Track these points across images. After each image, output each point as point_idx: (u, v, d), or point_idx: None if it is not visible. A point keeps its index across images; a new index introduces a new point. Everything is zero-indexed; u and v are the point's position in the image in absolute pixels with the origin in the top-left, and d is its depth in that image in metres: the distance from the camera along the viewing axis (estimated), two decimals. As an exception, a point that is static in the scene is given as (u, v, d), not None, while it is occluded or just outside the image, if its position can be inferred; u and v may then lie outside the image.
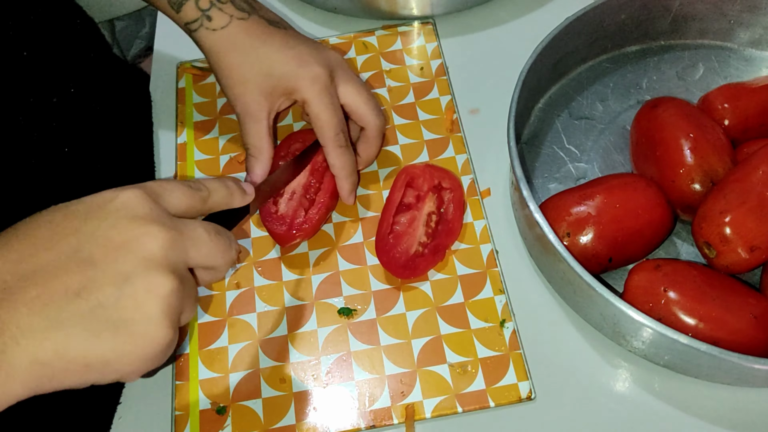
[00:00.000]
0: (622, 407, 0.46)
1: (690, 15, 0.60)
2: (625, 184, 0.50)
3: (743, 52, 0.62)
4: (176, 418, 0.47)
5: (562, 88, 0.61)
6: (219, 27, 0.49)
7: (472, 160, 0.57)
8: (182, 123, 0.60)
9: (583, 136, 0.58)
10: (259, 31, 0.50)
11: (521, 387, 0.46)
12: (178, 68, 0.64)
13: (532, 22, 0.65)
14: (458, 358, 0.48)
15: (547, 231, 0.45)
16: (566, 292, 0.49)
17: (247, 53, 0.49)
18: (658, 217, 0.49)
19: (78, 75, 0.52)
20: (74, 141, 0.50)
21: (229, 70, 0.50)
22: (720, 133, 0.51)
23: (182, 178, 0.57)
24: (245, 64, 0.49)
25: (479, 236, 0.53)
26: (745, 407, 0.46)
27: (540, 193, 0.55)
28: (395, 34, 0.64)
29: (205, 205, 0.39)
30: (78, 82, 0.52)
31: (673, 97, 0.54)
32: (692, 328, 0.43)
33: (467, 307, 0.50)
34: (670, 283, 0.45)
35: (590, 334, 0.49)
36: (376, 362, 0.48)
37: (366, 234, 0.53)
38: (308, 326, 0.50)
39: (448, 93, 0.60)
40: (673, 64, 0.62)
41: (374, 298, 0.50)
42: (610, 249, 0.48)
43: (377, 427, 0.46)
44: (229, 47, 0.49)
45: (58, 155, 0.48)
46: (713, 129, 0.51)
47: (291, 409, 0.47)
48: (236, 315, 0.50)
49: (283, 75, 0.49)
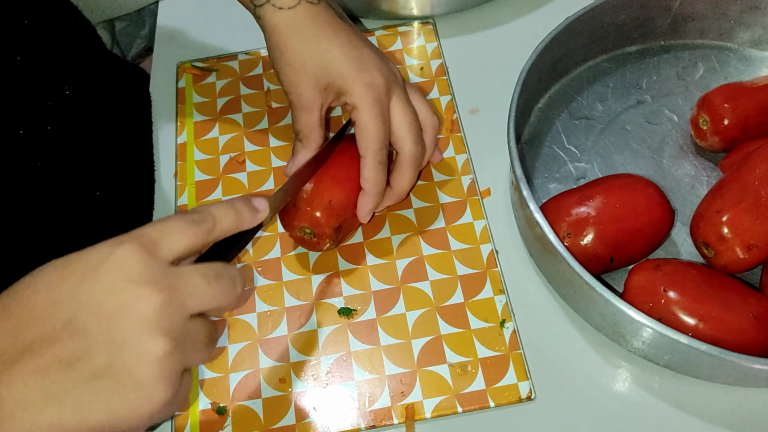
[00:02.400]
0: (622, 407, 0.46)
1: (690, 15, 0.60)
2: (625, 184, 0.50)
3: (743, 52, 0.62)
4: (176, 418, 0.47)
5: (562, 88, 0.61)
6: (287, 6, 0.47)
7: (472, 160, 0.57)
8: (182, 123, 0.60)
9: (583, 136, 0.58)
10: (327, 20, 0.48)
11: (521, 387, 0.46)
12: (178, 68, 0.64)
13: (532, 22, 0.65)
14: (458, 358, 0.48)
15: (547, 231, 0.45)
16: (566, 292, 0.49)
17: (310, 41, 0.47)
18: (658, 216, 0.49)
19: (74, 76, 0.52)
20: (71, 143, 0.50)
21: (290, 54, 0.48)
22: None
23: (182, 177, 0.57)
24: (307, 51, 0.47)
25: (479, 236, 0.53)
26: (745, 407, 0.46)
27: (540, 193, 0.55)
28: (395, 34, 0.64)
29: (211, 236, 0.37)
30: (74, 84, 0.51)
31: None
32: (692, 328, 0.43)
33: (467, 307, 0.50)
34: (670, 282, 0.45)
35: (590, 334, 0.49)
36: (376, 362, 0.48)
37: (366, 234, 0.53)
38: (308, 326, 0.50)
39: (448, 93, 0.60)
40: (673, 64, 0.62)
41: (374, 298, 0.50)
42: (610, 249, 0.48)
43: (377, 427, 0.46)
44: (293, 30, 0.47)
45: (54, 158, 0.48)
46: None
47: (291, 409, 0.47)
48: (236, 315, 0.50)
49: (341, 74, 0.47)
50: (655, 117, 0.59)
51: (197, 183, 0.57)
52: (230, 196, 0.55)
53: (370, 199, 0.49)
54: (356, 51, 0.48)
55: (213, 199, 0.56)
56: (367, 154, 0.47)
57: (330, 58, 0.47)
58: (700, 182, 0.55)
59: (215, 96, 0.62)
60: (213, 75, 0.63)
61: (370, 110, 0.47)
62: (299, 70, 0.47)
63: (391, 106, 0.48)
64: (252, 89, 0.62)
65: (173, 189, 0.57)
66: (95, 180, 0.51)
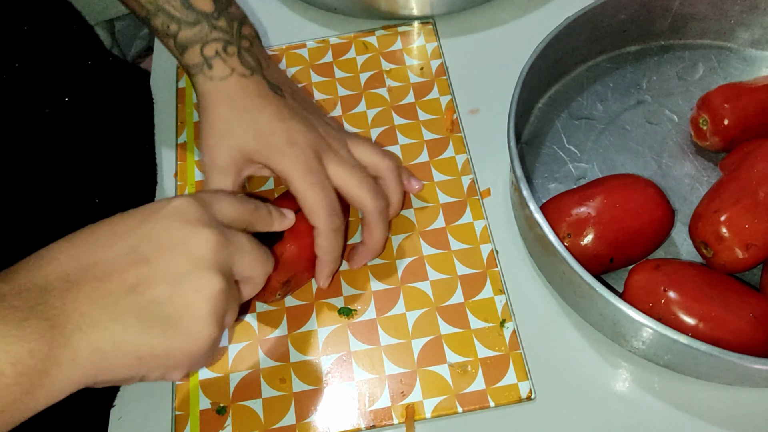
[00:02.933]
0: (622, 407, 0.46)
1: (690, 15, 0.60)
2: (625, 185, 0.50)
3: (743, 52, 0.62)
4: (176, 418, 0.47)
5: (562, 88, 0.61)
6: (218, 77, 0.47)
7: (472, 160, 0.57)
8: (182, 123, 0.60)
9: (583, 136, 0.58)
10: (257, 92, 0.48)
11: (521, 387, 0.46)
12: (178, 68, 0.64)
13: (532, 22, 0.65)
14: (458, 358, 0.48)
15: (547, 231, 0.45)
16: (566, 292, 0.49)
17: (238, 110, 0.47)
18: (659, 216, 0.49)
19: (74, 83, 0.52)
20: (70, 150, 0.50)
21: (215, 119, 0.47)
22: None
23: (182, 178, 0.57)
24: (233, 119, 0.47)
25: (479, 236, 0.53)
26: (745, 407, 0.46)
27: (540, 193, 0.55)
28: (395, 34, 0.64)
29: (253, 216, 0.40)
30: (74, 91, 0.51)
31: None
32: (692, 328, 0.43)
33: (467, 307, 0.50)
34: (670, 283, 0.45)
35: (590, 334, 0.49)
36: (376, 362, 0.48)
37: (366, 234, 0.53)
38: (308, 326, 0.50)
39: (448, 93, 0.60)
40: (673, 64, 0.62)
41: (374, 298, 0.50)
42: (611, 249, 0.48)
43: (377, 427, 0.46)
44: (222, 98, 0.47)
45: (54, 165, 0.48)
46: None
47: (291, 409, 0.47)
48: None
49: (268, 145, 0.46)
50: (655, 117, 0.59)
51: (197, 183, 0.57)
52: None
53: (326, 266, 0.48)
54: (283, 123, 0.47)
55: (213, 199, 0.56)
56: (318, 223, 0.46)
57: (258, 128, 0.47)
58: (700, 182, 0.55)
59: (215, 96, 0.61)
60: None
61: (303, 180, 0.45)
62: (221, 134, 0.47)
63: (330, 172, 0.47)
64: (252, 89, 0.62)
65: (173, 189, 0.57)
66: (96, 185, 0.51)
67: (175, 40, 0.48)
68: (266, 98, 0.48)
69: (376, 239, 0.49)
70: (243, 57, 0.48)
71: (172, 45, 0.49)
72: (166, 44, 0.49)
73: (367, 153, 0.50)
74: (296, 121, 0.47)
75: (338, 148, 0.48)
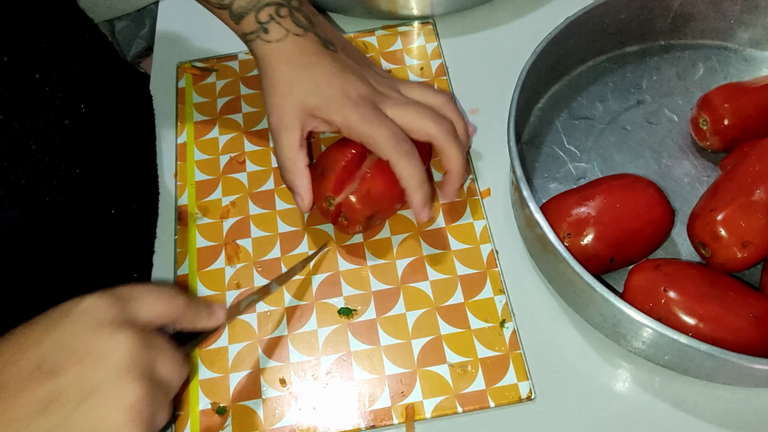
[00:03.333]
0: (622, 407, 0.46)
1: (690, 15, 0.60)
2: (625, 185, 0.50)
3: (743, 52, 0.62)
4: (176, 418, 0.47)
5: (562, 88, 0.61)
6: (274, 40, 0.49)
7: (472, 160, 0.57)
8: (182, 123, 0.60)
9: (583, 136, 0.58)
10: (312, 50, 0.49)
11: (521, 387, 0.46)
12: (178, 68, 0.64)
13: (532, 22, 0.65)
14: (458, 358, 0.48)
15: (547, 231, 0.45)
16: (566, 292, 0.49)
17: (296, 69, 0.49)
18: (658, 216, 0.49)
19: (90, 90, 0.52)
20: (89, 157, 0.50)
21: (277, 80, 0.49)
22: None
23: (182, 178, 0.57)
24: (294, 78, 0.49)
25: (479, 236, 0.53)
26: (745, 407, 0.46)
27: (540, 193, 0.55)
28: (395, 34, 0.64)
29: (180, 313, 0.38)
30: (90, 100, 0.51)
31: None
32: (692, 328, 0.43)
33: (467, 307, 0.50)
34: (670, 282, 0.45)
35: (590, 334, 0.49)
36: (376, 362, 0.48)
37: (366, 234, 0.53)
38: (308, 326, 0.50)
39: (448, 93, 0.60)
40: (673, 64, 0.62)
41: (374, 298, 0.50)
42: (611, 249, 0.48)
43: (377, 427, 0.46)
44: (280, 58, 0.49)
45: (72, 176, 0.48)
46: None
47: (291, 409, 0.47)
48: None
49: (328, 98, 0.48)
50: (655, 117, 0.59)
51: (197, 183, 0.57)
52: (230, 197, 0.56)
53: (416, 193, 0.48)
54: (338, 78, 0.49)
55: (213, 200, 0.56)
56: (389, 154, 0.47)
57: (316, 84, 0.48)
58: (700, 182, 0.55)
59: (215, 96, 0.62)
60: (213, 75, 0.63)
61: (361, 123, 0.47)
62: (284, 94, 0.49)
63: (388, 115, 0.49)
64: (252, 89, 0.62)
65: (173, 189, 0.57)
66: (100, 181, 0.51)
67: (231, 10, 0.50)
68: (321, 54, 0.49)
69: (455, 162, 0.49)
70: (295, 17, 0.50)
71: (227, 17, 0.50)
72: (220, 16, 0.51)
73: (420, 92, 0.52)
74: (349, 73, 0.49)
75: (391, 93, 0.51)
